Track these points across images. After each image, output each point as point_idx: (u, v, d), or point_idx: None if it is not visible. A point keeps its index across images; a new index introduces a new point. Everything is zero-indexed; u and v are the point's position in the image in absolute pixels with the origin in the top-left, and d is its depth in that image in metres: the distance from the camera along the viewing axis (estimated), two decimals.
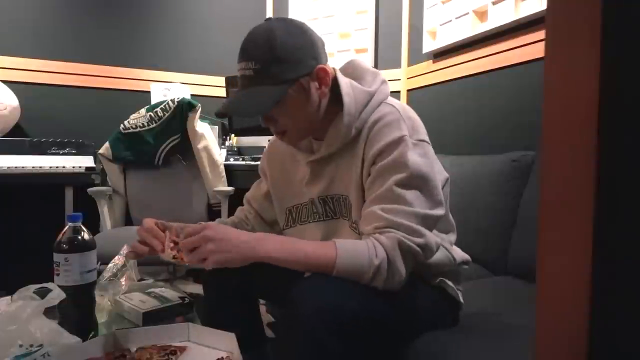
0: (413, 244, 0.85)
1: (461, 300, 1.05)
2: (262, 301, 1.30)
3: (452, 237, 1.08)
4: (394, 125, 0.92)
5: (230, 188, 2.38)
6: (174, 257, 0.95)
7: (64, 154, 2.35)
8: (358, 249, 0.85)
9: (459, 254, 1.07)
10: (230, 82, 2.71)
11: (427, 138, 0.96)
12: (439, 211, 0.91)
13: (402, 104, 0.99)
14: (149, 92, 2.68)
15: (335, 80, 0.97)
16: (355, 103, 0.95)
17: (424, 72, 2.44)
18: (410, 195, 0.88)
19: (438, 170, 0.97)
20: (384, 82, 1.00)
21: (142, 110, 2.35)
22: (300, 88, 0.93)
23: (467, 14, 2.07)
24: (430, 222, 0.90)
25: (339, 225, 1.03)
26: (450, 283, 1.03)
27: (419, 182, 0.89)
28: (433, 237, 0.90)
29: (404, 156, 0.89)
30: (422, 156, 0.91)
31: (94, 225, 2.20)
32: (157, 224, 1.03)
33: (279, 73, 0.91)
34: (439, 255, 0.99)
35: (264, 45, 0.90)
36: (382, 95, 0.98)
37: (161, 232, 1.01)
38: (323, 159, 1.02)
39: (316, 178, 1.04)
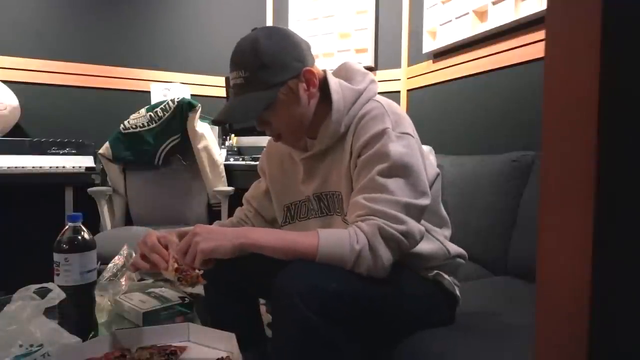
0: (395, 231, 0.86)
1: (458, 294, 1.05)
2: (262, 301, 1.30)
3: (447, 232, 1.09)
4: (378, 118, 0.95)
5: (230, 188, 2.38)
6: (178, 279, 0.96)
7: (64, 154, 2.35)
8: (339, 236, 0.87)
9: (454, 247, 1.07)
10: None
11: (412, 132, 0.98)
12: (424, 201, 0.92)
13: (389, 100, 1.02)
14: (149, 92, 2.68)
15: (325, 80, 1.01)
16: (344, 101, 0.99)
17: (424, 72, 2.44)
18: (393, 184, 0.89)
19: (428, 165, 1.01)
20: (372, 81, 1.04)
21: (142, 110, 2.35)
22: (289, 90, 0.98)
23: (467, 14, 2.07)
24: (414, 211, 0.90)
25: (333, 221, 1.05)
26: (446, 276, 1.03)
27: (401, 171, 0.91)
28: (416, 225, 0.90)
29: (385, 147, 0.91)
30: (405, 147, 0.93)
31: (94, 225, 2.20)
32: (160, 239, 1.02)
33: (267, 78, 0.95)
34: (432, 247, 1.00)
35: (250, 53, 0.95)
36: (370, 93, 1.02)
37: (164, 249, 0.99)
38: (315, 156, 1.05)
39: (311, 176, 1.07)
